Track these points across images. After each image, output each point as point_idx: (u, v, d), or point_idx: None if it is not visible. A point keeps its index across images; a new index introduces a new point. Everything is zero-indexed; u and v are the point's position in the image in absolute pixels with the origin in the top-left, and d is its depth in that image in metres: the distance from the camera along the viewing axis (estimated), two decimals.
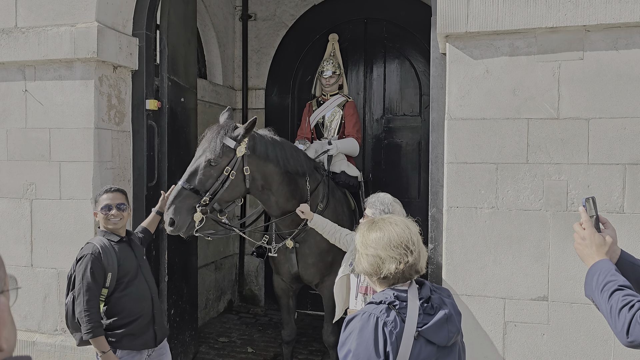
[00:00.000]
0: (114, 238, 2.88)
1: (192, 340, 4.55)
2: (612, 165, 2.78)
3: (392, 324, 1.59)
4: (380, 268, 1.67)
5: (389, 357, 1.57)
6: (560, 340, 2.87)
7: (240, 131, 3.29)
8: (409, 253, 1.66)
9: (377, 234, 1.70)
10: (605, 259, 1.62)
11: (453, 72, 3.01)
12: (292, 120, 5.95)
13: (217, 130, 3.26)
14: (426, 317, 1.63)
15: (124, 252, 2.88)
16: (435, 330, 1.62)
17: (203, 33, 5.85)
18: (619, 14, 2.69)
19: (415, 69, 5.64)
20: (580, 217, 1.69)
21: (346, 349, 1.62)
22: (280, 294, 4.26)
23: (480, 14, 2.90)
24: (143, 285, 2.94)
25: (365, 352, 1.57)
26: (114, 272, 2.80)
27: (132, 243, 3.00)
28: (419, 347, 1.60)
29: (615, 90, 2.77)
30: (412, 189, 5.68)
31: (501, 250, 2.95)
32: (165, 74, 4.05)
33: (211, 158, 3.18)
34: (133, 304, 2.87)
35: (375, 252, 1.67)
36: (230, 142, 3.23)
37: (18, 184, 3.74)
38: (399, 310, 1.61)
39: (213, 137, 3.24)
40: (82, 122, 3.62)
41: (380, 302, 1.64)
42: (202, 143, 3.29)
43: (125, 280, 2.86)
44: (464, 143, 3.00)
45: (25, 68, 3.73)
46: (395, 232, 1.69)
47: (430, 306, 1.66)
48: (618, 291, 1.51)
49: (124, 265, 2.86)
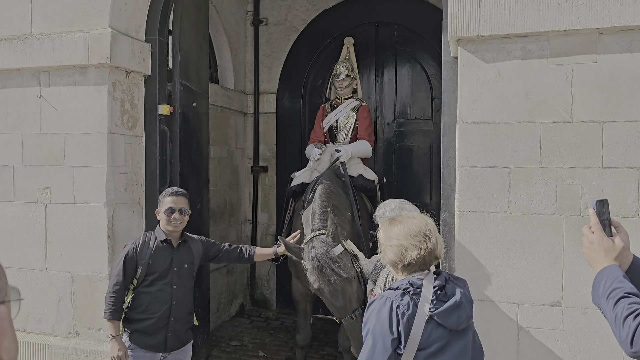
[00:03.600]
0: (161, 236, 3.00)
1: (204, 344, 4.56)
2: (626, 169, 2.74)
3: (405, 306, 1.81)
4: (404, 256, 1.89)
5: (401, 336, 1.79)
6: (575, 347, 2.84)
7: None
8: (427, 240, 1.89)
9: (399, 227, 1.94)
10: (613, 264, 1.56)
11: (465, 76, 3.00)
12: (304, 125, 5.97)
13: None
14: (439, 303, 1.83)
15: (160, 252, 2.99)
16: (446, 314, 1.81)
17: (215, 38, 5.89)
18: (633, 16, 2.66)
19: (427, 73, 5.62)
20: (590, 220, 1.65)
21: (367, 327, 1.86)
22: (298, 298, 4.26)
23: (491, 17, 2.89)
24: (167, 289, 2.98)
25: (381, 330, 1.80)
26: (144, 266, 2.93)
27: (181, 247, 3.07)
28: (430, 329, 1.80)
29: (630, 93, 2.74)
30: (424, 193, 5.66)
31: (514, 255, 2.92)
32: (178, 79, 4.08)
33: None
34: (151, 303, 2.94)
35: (399, 242, 1.90)
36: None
37: (33, 188, 3.78)
38: (413, 296, 1.83)
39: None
40: (96, 127, 3.66)
41: (397, 288, 1.88)
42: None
43: (151, 278, 2.95)
44: (476, 147, 2.98)
45: (40, 74, 3.78)
46: (414, 224, 1.93)
47: (444, 294, 1.86)
48: (624, 299, 1.46)
49: (155, 263, 2.96)
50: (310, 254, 3.09)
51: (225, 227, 5.89)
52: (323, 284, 3.02)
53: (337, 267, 3.00)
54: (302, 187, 4.55)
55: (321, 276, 3.03)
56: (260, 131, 6.25)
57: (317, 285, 3.08)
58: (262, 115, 6.24)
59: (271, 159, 6.23)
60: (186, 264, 3.06)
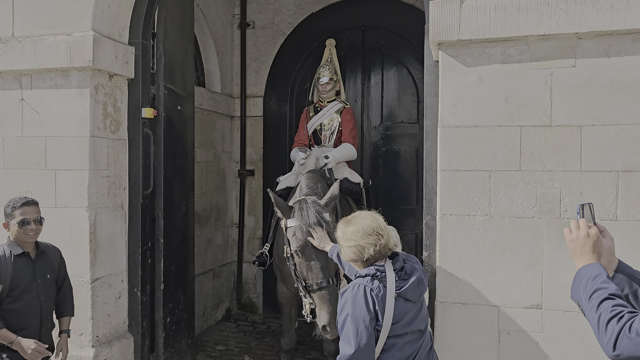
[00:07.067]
0: (16, 250, 2.81)
1: (188, 349, 4.53)
2: (605, 172, 2.77)
3: (377, 289, 2.09)
4: (362, 254, 2.16)
5: (378, 314, 2.07)
6: (555, 349, 2.85)
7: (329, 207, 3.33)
8: (380, 237, 2.17)
9: (353, 228, 2.20)
10: (597, 263, 1.55)
11: (446, 80, 3.02)
12: (291, 128, 5.96)
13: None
14: (402, 281, 2.15)
15: (20, 266, 2.80)
16: (410, 290, 2.14)
17: (201, 41, 5.87)
18: (611, 21, 2.69)
19: (413, 76, 5.64)
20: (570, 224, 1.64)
21: (344, 313, 2.09)
22: (283, 302, 4.25)
23: (472, 21, 2.91)
24: (34, 302, 2.85)
25: (360, 312, 2.06)
26: (5, 284, 2.74)
27: (40, 258, 2.91)
28: (399, 304, 2.11)
29: (608, 98, 2.76)
30: (410, 197, 5.67)
31: (495, 258, 2.94)
32: (162, 82, 4.07)
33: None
34: (21, 318, 2.79)
35: (356, 243, 2.17)
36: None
37: (14, 191, 3.74)
38: (381, 279, 2.12)
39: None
40: (78, 131, 3.63)
41: (365, 275, 2.14)
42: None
43: (15, 294, 2.78)
44: (457, 150, 2.99)
45: (22, 77, 3.75)
46: (367, 224, 2.19)
47: (404, 272, 2.18)
48: (608, 300, 1.44)
49: (16, 278, 2.78)
50: (300, 204, 3.21)
51: (211, 231, 5.87)
52: (306, 234, 3.08)
53: (322, 223, 3.11)
54: (288, 191, 4.55)
55: (303, 220, 3.12)
56: (247, 135, 6.24)
57: (298, 243, 3.11)
58: (249, 119, 6.23)
59: (258, 163, 6.22)
60: (48, 274, 2.93)
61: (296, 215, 3.20)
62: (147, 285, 4.02)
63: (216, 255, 5.98)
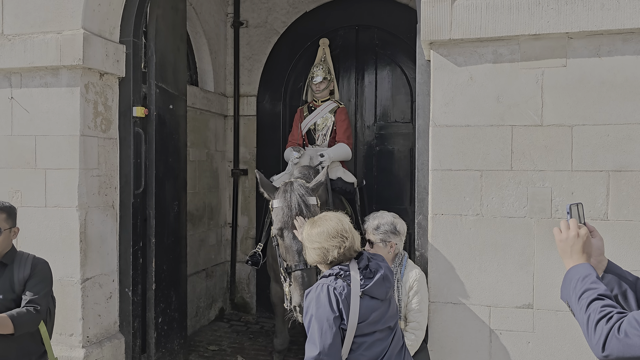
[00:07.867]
0: None
1: (181, 349, 4.51)
2: (596, 172, 2.77)
3: (341, 287, 2.08)
4: (326, 256, 2.15)
5: (342, 312, 2.05)
6: (546, 348, 2.85)
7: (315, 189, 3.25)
8: (345, 239, 2.15)
9: (318, 230, 2.18)
10: (587, 263, 1.55)
11: (437, 79, 3.01)
12: (284, 127, 5.94)
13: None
14: (367, 280, 2.13)
15: None
16: (376, 288, 2.13)
17: (194, 40, 5.85)
18: (601, 21, 2.69)
19: (407, 76, 5.63)
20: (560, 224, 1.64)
21: (309, 314, 2.08)
22: (277, 302, 4.23)
23: (463, 21, 2.90)
24: None
25: (324, 311, 2.04)
26: None
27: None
28: (365, 302, 2.09)
29: (599, 97, 2.76)
30: (404, 196, 5.67)
31: (486, 257, 2.93)
32: (153, 81, 4.04)
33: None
34: None
35: (320, 245, 2.16)
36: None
37: (3, 191, 3.71)
38: (344, 278, 2.10)
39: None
40: (68, 130, 3.60)
41: (329, 275, 2.14)
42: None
43: None
44: (449, 150, 2.99)
45: (12, 75, 3.72)
46: (331, 226, 2.17)
47: (369, 271, 2.16)
48: (597, 301, 1.44)
49: None
50: (285, 186, 3.12)
51: (204, 231, 5.85)
52: (287, 217, 3.00)
53: (305, 206, 3.01)
54: None
55: (285, 202, 3.03)
56: (240, 134, 6.22)
57: (278, 225, 3.04)
58: (242, 118, 6.21)
59: (251, 162, 6.20)
60: (1, 294, 2.55)
61: (280, 196, 3.12)
62: (138, 285, 4.00)
63: (209, 255, 5.96)
